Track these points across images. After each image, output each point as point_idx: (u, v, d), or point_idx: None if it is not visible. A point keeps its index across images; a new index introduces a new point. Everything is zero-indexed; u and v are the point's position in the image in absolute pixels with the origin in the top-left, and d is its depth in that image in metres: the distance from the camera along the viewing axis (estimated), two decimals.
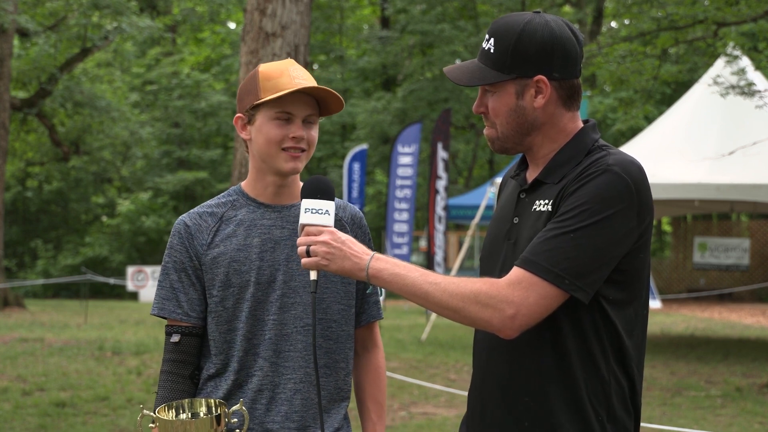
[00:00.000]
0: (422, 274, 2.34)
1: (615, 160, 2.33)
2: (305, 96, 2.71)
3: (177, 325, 2.74)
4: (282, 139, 2.68)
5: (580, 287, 2.26)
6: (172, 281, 2.74)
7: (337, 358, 2.76)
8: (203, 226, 2.75)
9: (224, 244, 2.72)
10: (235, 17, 37.69)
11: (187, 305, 2.72)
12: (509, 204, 2.52)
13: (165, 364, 2.73)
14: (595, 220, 2.27)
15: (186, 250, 2.73)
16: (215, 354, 2.71)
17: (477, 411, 2.50)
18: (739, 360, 13.28)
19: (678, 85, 27.43)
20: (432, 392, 9.98)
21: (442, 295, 2.31)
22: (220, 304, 2.70)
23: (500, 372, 2.43)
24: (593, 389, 2.35)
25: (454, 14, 32.56)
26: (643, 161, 11.25)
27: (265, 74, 2.70)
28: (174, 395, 2.68)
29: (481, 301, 2.28)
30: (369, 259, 2.39)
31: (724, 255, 26.63)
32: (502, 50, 2.39)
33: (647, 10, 12.87)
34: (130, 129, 29.82)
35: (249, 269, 2.70)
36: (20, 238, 33.50)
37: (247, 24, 9.86)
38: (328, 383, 2.75)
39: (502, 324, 2.28)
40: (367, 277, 2.38)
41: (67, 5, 22.63)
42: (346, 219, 2.84)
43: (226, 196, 2.82)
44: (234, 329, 2.69)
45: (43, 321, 18.80)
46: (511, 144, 2.46)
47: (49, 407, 9.07)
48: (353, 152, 23.18)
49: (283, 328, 2.69)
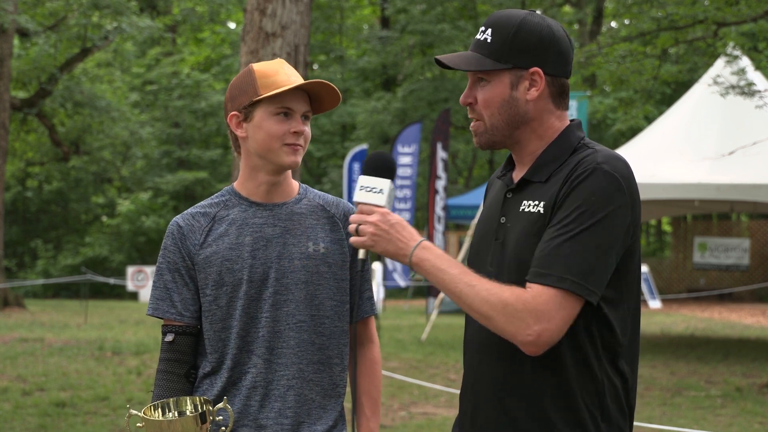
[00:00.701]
0: (461, 272, 2.32)
1: (603, 157, 2.34)
2: (302, 92, 2.76)
3: (171, 324, 2.78)
4: (284, 134, 2.72)
5: (592, 291, 2.27)
6: (165, 281, 2.78)
7: (330, 354, 2.78)
8: (196, 227, 2.78)
9: (216, 244, 2.75)
10: (235, 17, 37.70)
11: (180, 305, 2.76)
12: (496, 204, 2.52)
13: (161, 363, 2.78)
14: (596, 220, 2.27)
15: (179, 251, 2.76)
16: (210, 353, 2.75)
17: (470, 412, 2.50)
18: (739, 360, 13.28)
19: (678, 85, 27.43)
20: (432, 392, 9.98)
21: (474, 299, 2.30)
22: (214, 303, 2.74)
23: (493, 372, 2.43)
24: (587, 389, 2.35)
25: (454, 14, 32.56)
26: (643, 161, 11.29)
27: (261, 72, 2.75)
28: (169, 394, 2.72)
29: (509, 314, 2.27)
30: (414, 247, 2.37)
31: (724, 255, 26.64)
32: (501, 40, 2.40)
33: (647, 10, 12.87)
34: (130, 129, 29.83)
35: (241, 267, 2.73)
36: (20, 238, 33.51)
37: (247, 24, 9.86)
38: (323, 379, 2.77)
39: (526, 341, 2.27)
40: (410, 263, 2.37)
41: (67, 5, 22.64)
42: (339, 216, 2.86)
43: (219, 197, 2.85)
44: (228, 327, 2.73)
45: (43, 321, 18.80)
46: (500, 137, 2.45)
47: (49, 407, 9.07)
48: (353, 152, 23.18)
49: (275, 325, 2.72)
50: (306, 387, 2.73)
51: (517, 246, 2.36)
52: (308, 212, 2.83)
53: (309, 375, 2.74)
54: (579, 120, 2.51)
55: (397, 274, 22.73)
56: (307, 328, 2.74)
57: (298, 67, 9.65)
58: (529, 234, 2.36)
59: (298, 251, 2.77)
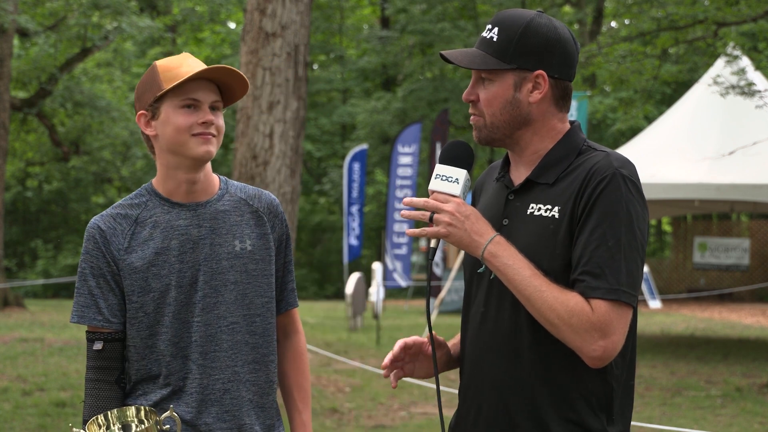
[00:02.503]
0: (532, 275, 2.31)
1: (618, 162, 2.36)
2: (208, 83, 2.69)
3: (99, 332, 2.70)
4: (191, 125, 2.66)
5: (635, 296, 2.32)
6: (90, 287, 2.69)
7: (265, 352, 2.75)
8: (118, 230, 2.70)
9: (141, 249, 2.68)
10: (235, 17, 37.70)
11: (107, 311, 2.68)
12: (496, 206, 2.50)
13: (89, 372, 2.70)
14: (628, 227, 2.30)
15: (103, 255, 2.68)
16: (137, 360, 2.69)
17: (470, 411, 2.50)
18: (739, 360, 13.28)
19: (678, 85, 27.42)
20: (432, 392, 9.98)
21: (542, 305, 2.29)
22: (141, 310, 2.67)
23: (493, 372, 2.43)
24: (585, 389, 2.36)
25: (454, 14, 32.55)
26: (643, 161, 11.31)
27: (163, 67, 2.69)
28: (102, 402, 2.65)
29: (574, 325, 2.28)
30: (488, 241, 2.35)
31: (724, 255, 26.63)
32: (507, 40, 2.39)
33: (647, 10, 12.87)
34: (130, 129, 29.81)
35: (169, 273, 2.67)
36: (20, 238, 33.50)
37: (247, 24, 9.86)
38: (259, 378, 2.74)
39: (593, 356, 2.29)
40: (482, 257, 2.36)
41: (67, 5, 22.63)
42: (263, 209, 2.82)
43: (137, 197, 2.77)
44: (156, 334, 2.67)
45: (43, 321, 18.80)
46: (500, 135, 2.44)
47: (49, 407, 9.07)
48: (353, 152, 23.17)
49: (208, 329, 2.68)
50: (243, 388, 2.70)
51: (529, 249, 2.35)
52: (232, 209, 2.77)
53: (245, 376, 2.71)
54: (578, 122, 2.52)
55: (397, 274, 22.73)
56: (240, 329, 2.70)
57: (298, 67, 9.65)
58: (542, 238, 2.36)
59: (225, 251, 2.71)
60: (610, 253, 2.28)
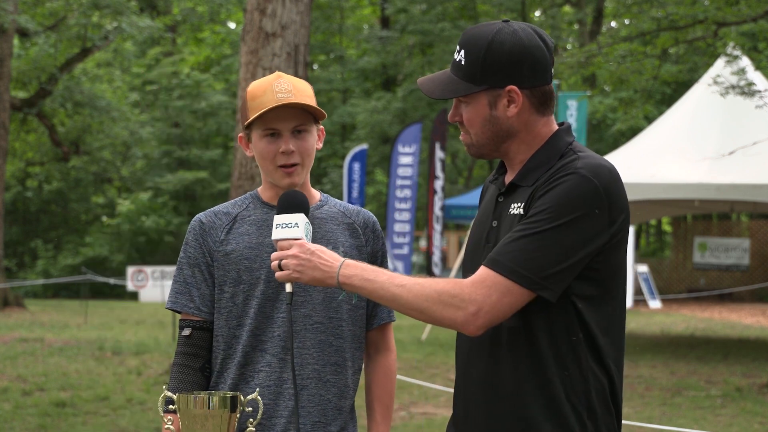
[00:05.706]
0: (390, 277, 2.38)
1: (584, 163, 2.36)
2: (291, 108, 2.74)
3: (189, 319, 2.81)
4: (274, 155, 2.76)
5: (545, 286, 2.30)
6: (185, 276, 2.81)
7: (345, 356, 2.80)
8: (217, 224, 2.81)
9: (236, 242, 2.78)
10: (235, 17, 37.70)
11: (199, 300, 2.79)
12: (489, 207, 2.55)
13: (177, 357, 2.81)
14: (561, 222, 2.30)
15: (200, 246, 2.80)
16: (223, 349, 2.77)
17: (461, 412, 2.53)
18: (739, 360, 13.28)
19: (678, 85, 27.42)
20: (432, 392, 9.99)
21: (409, 296, 2.35)
22: (231, 300, 2.76)
23: (479, 373, 2.46)
24: (571, 388, 2.37)
25: (454, 14, 32.56)
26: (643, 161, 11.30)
27: (251, 94, 2.78)
28: (184, 386, 2.74)
29: (444, 301, 2.32)
30: (339, 267, 2.42)
31: (724, 255, 26.64)
32: (472, 62, 2.41)
33: (647, 10, 12.86)
34: (130, 129, 29.83)
35: (260, 267, 2.75)
36: (20, 238, 33.50)
37: (247, 24, 9.86)
38: (339, 381, 2.78)
39: (465, 321, 2.32)
40: (338, 284, 2.42)
41: (67, 5, 22.63)
42: (359, 223, 2.88)
43: (241, 200, 2.89)
44: (242, 325, 2.75)
45: (43, 321, 18.81)
46: (488, 150, 2.49)
47: (49, 407, 9.07)
48: (353, 152, 23.18)
49: (292, 326, 2.73)
50: (323, 388, 2.75)
51: None
52: (328, 218, 2.85)
53: (326, 376, 2.76)
54: (568, 124, 2.53)
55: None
56: (325, 330, 2.76)
57: (298, 67, 9.65)
58: None
59: None
60: (527, 239, 2.31)
